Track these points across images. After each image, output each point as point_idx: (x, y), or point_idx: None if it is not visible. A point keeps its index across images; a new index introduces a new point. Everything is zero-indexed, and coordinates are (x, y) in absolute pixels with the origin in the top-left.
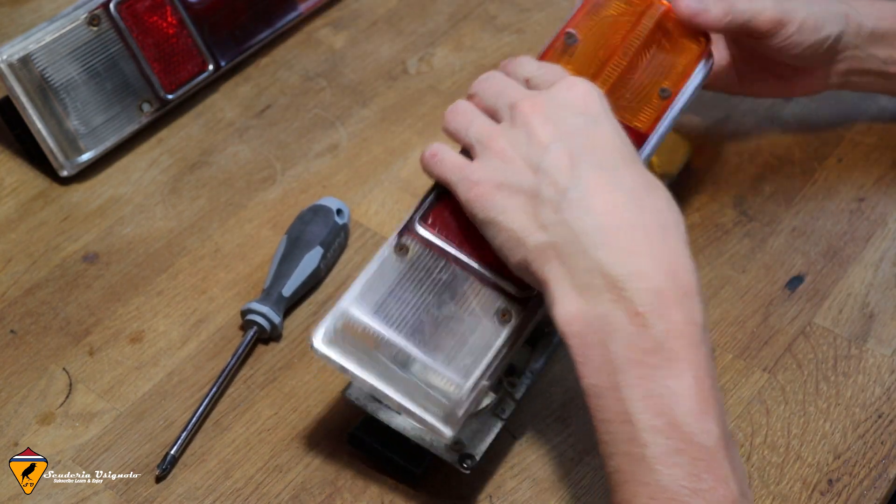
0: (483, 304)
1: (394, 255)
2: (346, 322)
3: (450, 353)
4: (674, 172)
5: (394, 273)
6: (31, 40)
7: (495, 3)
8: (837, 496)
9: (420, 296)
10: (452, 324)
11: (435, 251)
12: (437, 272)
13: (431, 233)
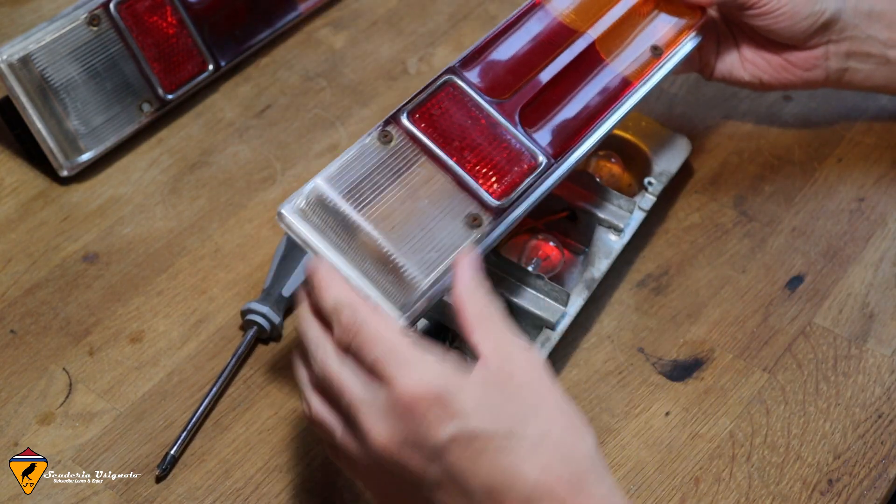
0: (456, 206)
1: (376, 142)
2: (317, 197)
3: (415, 246)
4: (673, 172)
5: (373, 159)
6: (31, 40)
7: (495, 3)
8: (837, 496)
9: (395, 186)
10: (423, 219)
11: (417, 145)
12: (417, 166)
13: (418, 127)
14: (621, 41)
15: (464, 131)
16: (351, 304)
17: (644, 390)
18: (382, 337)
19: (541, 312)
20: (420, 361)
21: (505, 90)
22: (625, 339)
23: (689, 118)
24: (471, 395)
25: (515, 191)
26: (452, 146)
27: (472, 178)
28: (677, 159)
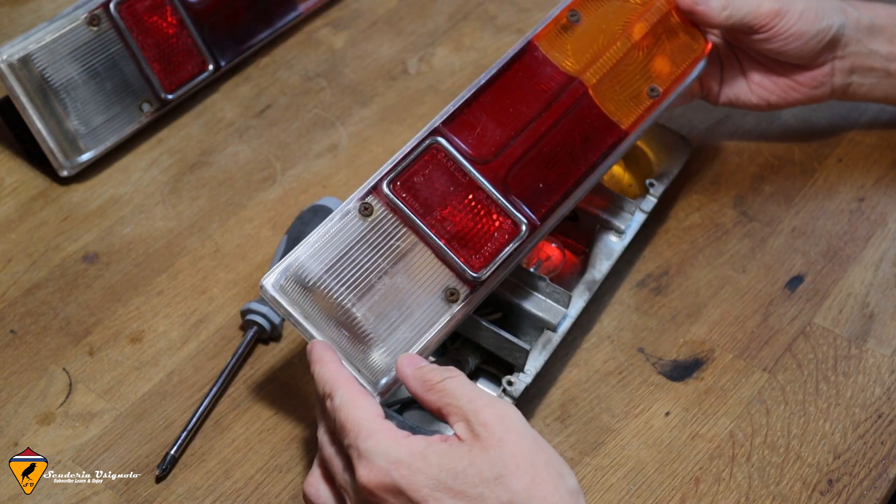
0: (434, 280)
1: (356, 214)
2: (298, 273)
3: (391, 326)
4: (673, 172)
5: (353, 232)
6: (31, 40)
7: (495, 3)
8: (837, 496)
9: (375, 260)
10: (401, 296)
11: (398, 216)
12: (396, 239)
13: (398, 197)
14: (619, 83)
15: (445, 199)
16: (333, 391)
17: (644, 390)
18: (351, 424)
19: (542, 314)
20: (375, 453)
21: (492, 147)
22: (625, 339)
23: (689, 118)
24: (423, 477)
25: (494, 261)
26: (433, 216)
27: (451, 250)
28: (678, 160)
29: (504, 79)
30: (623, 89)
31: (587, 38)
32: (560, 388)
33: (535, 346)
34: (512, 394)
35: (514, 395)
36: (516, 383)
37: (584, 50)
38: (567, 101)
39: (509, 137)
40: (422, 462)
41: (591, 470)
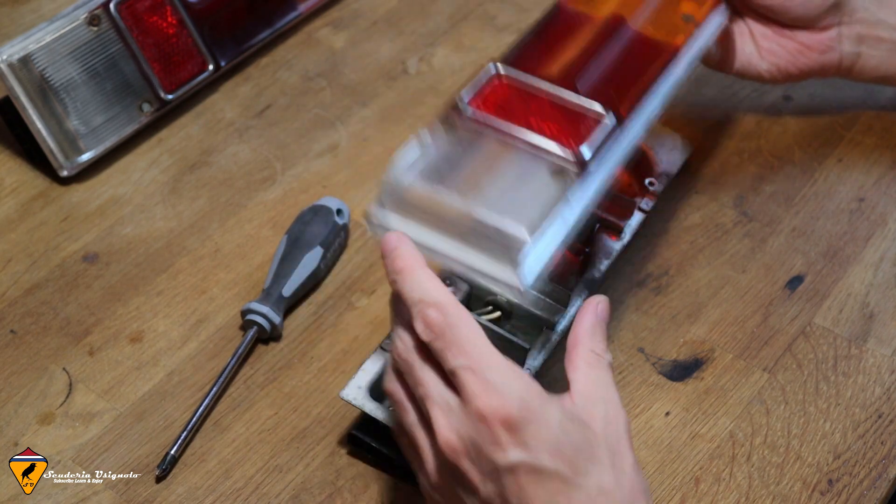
0: (537, 166)
1: (442, 130)
2: (400, 186)
3: (507, 206)
4: (673, 172)
5: (444, 143)
6: (31, 40)
7: (495, 3)
8: (837, 496)
9: (472, 162)
10: (509, 182)
11: (484, 125)
12: (489, 142)
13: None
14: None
15: (528, 106)
16: (438, 303)
17: (644, 390)
18: (468, 347)
19: (541, 313)
20: (503, 384)
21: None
22: (625, 339)
23: (689, 118)
24: (545, 429)
25: (589, 143)
26: (518, 118)
27: (545, 137)
28: (677, 160)
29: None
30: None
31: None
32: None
33: (535, 345)
34: None
35: None
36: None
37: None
38: (612, 29)
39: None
40: (549, 416)
41: None
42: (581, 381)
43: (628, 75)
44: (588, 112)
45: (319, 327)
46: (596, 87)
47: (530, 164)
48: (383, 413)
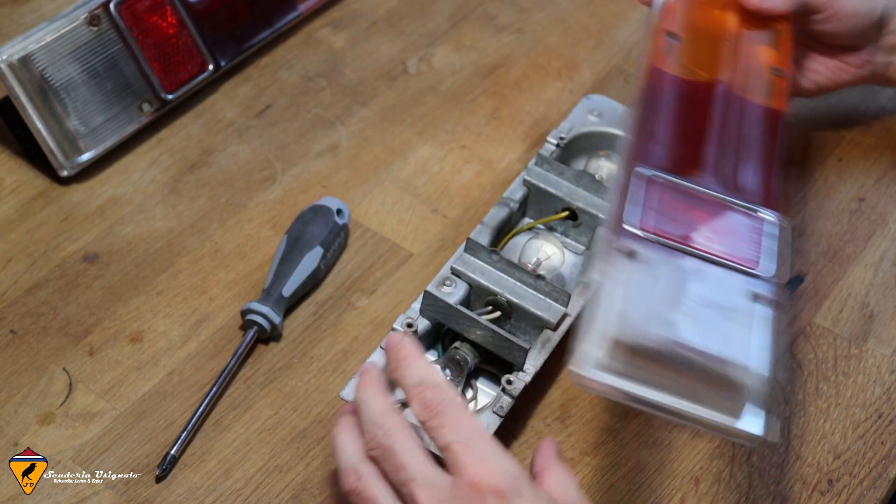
0: (736, 288)
1: (625, 260)
2: (616, 340)
3: (724, 339)
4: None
5: (634, 279)
6: (31, 40)
7: (495, 3)
8: (837, 496)
9: (669, 295)
10: (714, 313)
11: (666, 247)
12: (677, 270)
13: (652, 233)
14: (747, 75)
15: (689, 217)
16: (438, 385)
17: None
18: (465, 423)
19: (541, 313)
20: (496, 458)
21: (689, 163)
22: None
23: None
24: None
25: (764, 253)
26: (693, 235)
27: (732, 261)
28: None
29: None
30: (754, 79)
31: (695, 51)
32: (560, 388)
33: (535, 346)
34: (511, 393)
35: (514, 395)
36: (515, 382)
37: (703, 58)
38: (722, 104)
39: (699, 150)
40: (538, 495)
41: (591, 470)
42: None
43: (765, 159)
44: (754, 217)
45: (319, 327)
46: (740, 183)
47: (727, 287)
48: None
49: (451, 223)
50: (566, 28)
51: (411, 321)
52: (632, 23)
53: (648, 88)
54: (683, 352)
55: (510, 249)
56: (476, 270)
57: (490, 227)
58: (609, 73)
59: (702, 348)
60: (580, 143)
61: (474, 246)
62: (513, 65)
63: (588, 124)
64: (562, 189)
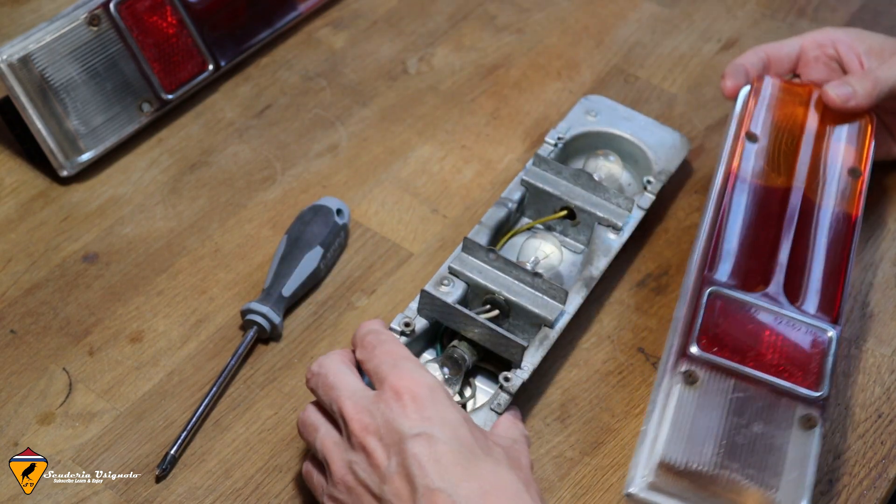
0: (784, 414)
1: (683, 387)
2: (665, 464)
3: (774, 472)
4: (672, 170)
5: (690, 405)
6: (31, 40)
7: (495, 3)
8: (837, 496)
9: (722, 419)
10: (763, 440)
11: (721, 371)
12: (730, 393)
13: (711, 353)
14: (823, 177)
15: (751, 337)
16: (378, 332)
17: (644, 390)
18: (394, 353)
19: (539, 311)
20: (418, 371)
21: (758, 277)
22: (625, 339)
23: (689, 118)
24: (448, 413)
25: (825, 374)
26: (751, 357)
27: (785, 380)
28: (676, 158)
29: (729, 213)
30: (830, 182)
31: (775, 151)
32: (560, 387)
33: (533, 343)
34: (509, 390)
35: (512, 392)
36: (513, 379)
37: (779, 161)
38: (794, 211)
39: (767, 262)
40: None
41: (591, 470)
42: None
43: (827, 272)
44: (814, 336)
45: (319, 327)
46: (804, 296)
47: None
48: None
49: (450, 223)
50: (566, 28)
51: (409, 321)
52: (632, 23)
53: (722, 194)
54: (727, 478)
55: (509, 249)
56: (474, 269)
57: (488, 227)
58: (609, 73)
59: (745, 476)
60: (578, 143)
61: (472, 245)
62: (513, 65)
63: (586, 124)
64: (560, 188)
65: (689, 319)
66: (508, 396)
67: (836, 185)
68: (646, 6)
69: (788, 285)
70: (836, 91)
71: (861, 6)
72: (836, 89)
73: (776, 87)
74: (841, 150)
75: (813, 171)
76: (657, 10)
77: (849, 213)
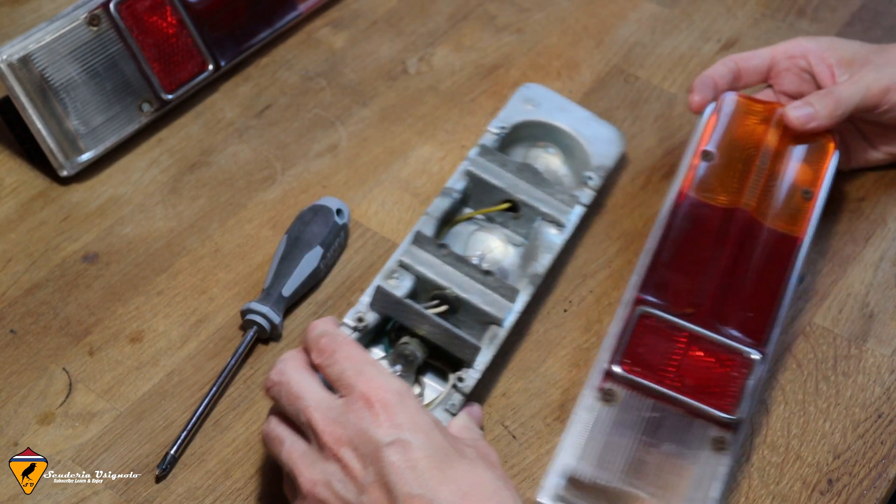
0: (696, 435)
1: (600, 404)
2: (571, 477)
3: (677, 491)
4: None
5: (606, 424)
6: (31, 40)
7: (495, 3)
8: (837, 496)
9: (635, 438)
10: (673, 460)
11: (639, 391)
12: (647, 411)
13: (632, 373)
14: (774, 198)
15: (674, 359)
16: (332, 334)
17: None
18: (355, 356)
19: (489, 308)
20: (384, 376)
21: (690, 298)
22: None
23: (689, 118)
24: (419, 418)
25: (743, 398)
26: (671, 378)
27: (702, 402)
28: (614, 152)
29: (672, 234)
30: (780, 203)
31: (728, 170)
32: (560, 388)
33: (482, 341)
34: (463, 390)
35: (465, 392)
36: (467, 380)
37: (730, 181)
38: (737, 232)
39: (702, 283)
40: (421, 407)
41: None
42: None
43: (765, 294)
44: (737, 359)
45: None
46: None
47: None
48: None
49: None
50: (566, 28)
51: (361, 315)
52: (632, 23)
53: (670, 214)
54: (632, 495)
55: (453, 239)
56: (424, 263)
57: (434, 218)
58: (609, 73)
59: (650, 494)
60: (518, 133)
61: (423, 239)
62: (513, 65)
63: (525, 114)
64: (504, 180)
65: (618, 338)
66: (462, 397)
67: (786, 207)
68: (646, 6)
69: (718, 308)
70: (795, 113)
71: (861, 6)
72: (796, 111)
73: (737, 105)
74: (796, 170)
75: (765, 191)
76: (657, 10)
77: (794, 235)
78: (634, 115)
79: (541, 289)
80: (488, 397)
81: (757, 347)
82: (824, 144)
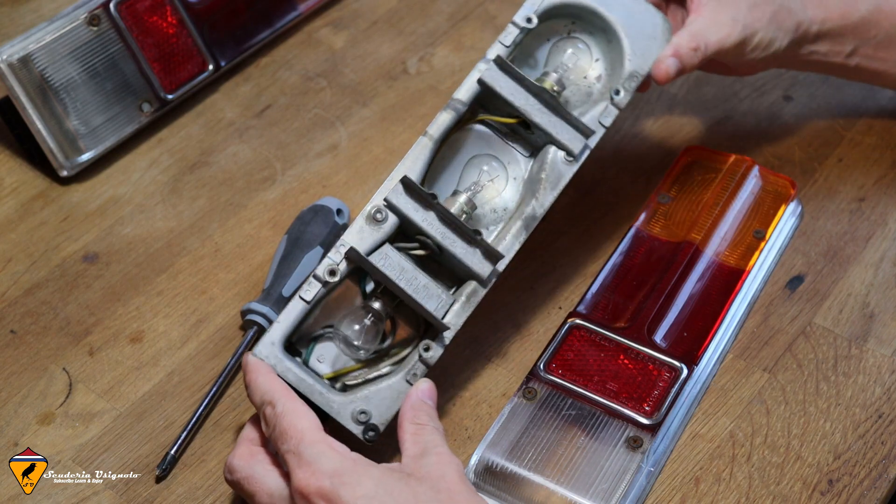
0: (613, 434)
1: (522, 400)
2: (485, 466)
3: (587, 482)
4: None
5: (523, 417)
6: (31, 40)
7: (495, 3)
8: (837, 496)
9: (551, 433)
10: (586, 455)
11: (562, 391)
12: (566, 409)
13: (556, 376)
14: (723, 236)
15: (601, 364)
16: (274, 400)
17: None
18: (293, 431)
19: (474, 266)
20: (317, 459)
21: (625, 314)
22: None
23: (690, 118)
24: (360, 487)
25: (664, 405)
26: (594, 381)
27: (621, 405)
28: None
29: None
30: (731, 240)
31: (683, 211)
32: None
33: (458, 298)
34: (427, 361)
35: (430, 363)
36: (432, 349)
37: (683, 220)
38: (682, 261)
39: (639, 304)
40: (364, 476)
41: None
42: (409, 446)
43: (705, 317)
44: (662, 369)
45: None
46: (668, 337)
47: (605, 431)
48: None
49: None
50: None
51: (333, 268)
52: None
53: (624, 249)
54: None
55: (451, 147)
56: (410, 208)
57: (433, 140)
58: None
59: (558, 483)
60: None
61: (412, 187)
62: None
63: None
64: (519, 98)
65: (550, 343)
66: (425, 367)
67: (736, 245)
68: None
69: (653, 325)
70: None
71: None
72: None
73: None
74: (747, 212)
75: (716, 229)
76: None
77: (740, 268)
78: (635, 116)
79: (540, 282)
80: (489, 397)
81: (686, 363)
82: (780, 189)
